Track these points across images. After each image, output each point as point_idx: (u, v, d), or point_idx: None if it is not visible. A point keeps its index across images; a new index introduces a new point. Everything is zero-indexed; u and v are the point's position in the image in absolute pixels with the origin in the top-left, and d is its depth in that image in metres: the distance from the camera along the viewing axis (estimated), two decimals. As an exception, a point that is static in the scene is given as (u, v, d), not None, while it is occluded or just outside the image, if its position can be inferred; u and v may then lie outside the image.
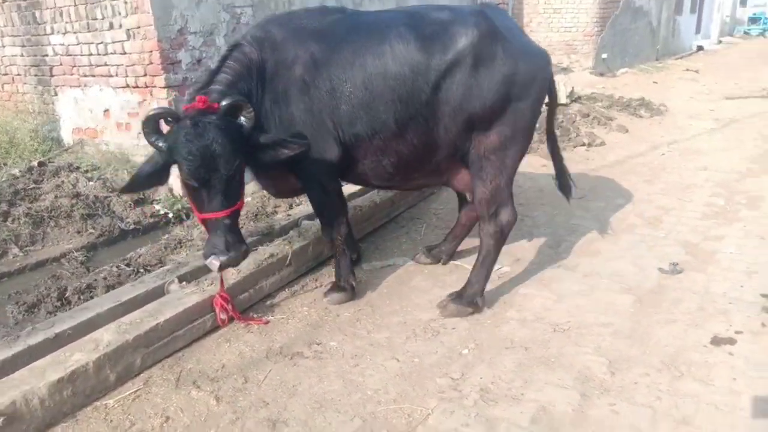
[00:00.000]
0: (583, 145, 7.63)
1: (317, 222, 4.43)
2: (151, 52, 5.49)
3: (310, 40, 3.41)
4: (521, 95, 3.42)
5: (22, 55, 6.92)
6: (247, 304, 3.72)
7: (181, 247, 4.60)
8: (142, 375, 3.08)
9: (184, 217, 5.32)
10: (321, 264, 4.29)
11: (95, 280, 4.04)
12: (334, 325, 3.53)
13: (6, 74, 7.27)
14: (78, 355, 2.90)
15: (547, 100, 3.83)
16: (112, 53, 5.88)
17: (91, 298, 3.85)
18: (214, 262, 3.04)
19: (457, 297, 3.67)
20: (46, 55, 6.60)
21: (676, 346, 3.18)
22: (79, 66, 6.28)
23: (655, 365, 3.00)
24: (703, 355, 3.10)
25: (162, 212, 5.48)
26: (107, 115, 6.24)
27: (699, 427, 2.58)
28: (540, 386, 2.87)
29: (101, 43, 5.92)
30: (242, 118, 3.05)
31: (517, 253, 4.50)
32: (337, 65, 3.34)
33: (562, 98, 9.42)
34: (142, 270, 4.16)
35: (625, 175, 6.51)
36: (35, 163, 5.74)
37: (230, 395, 2.90)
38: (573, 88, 9.64)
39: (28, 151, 6.26)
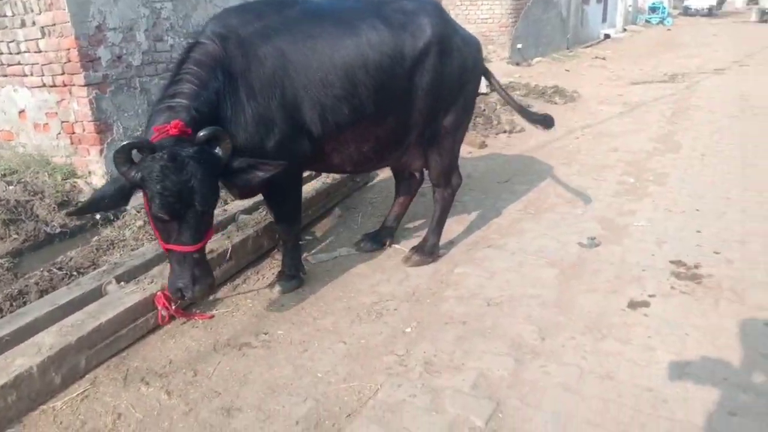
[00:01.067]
0: (505, 132, 8.00)
1: (253, 216, 4.50)
2: (68, 49, 5.31)
3: (277, 33, 3.32)
4: (470, 78, 4.00)
5: None
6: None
7: (113, 248, 4.53)
8: (87, 376, 3.05)
9: (113, 218, 5.20)
10: (261, 257, 4.35)
11: (26, 285, 3.92)
12: (280, 314, 3.61)
13: None
14: (20, 360, 2.85)
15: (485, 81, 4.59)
16: (25, 52, 5.62)
17: (24, 303, 3.75)
18: (181, 296, 3.00)
19: (419, 250, 4.25)
20: (-48, 55, 6.21)
21: (598, 311, 3.49)
22: (-10, 65, 5.96)
23: (580, 329, 3.29)
24: (621, 318, 3.42)
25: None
26: (23, 117, 5.97)
27: (621, 381, 2.87)
28: (478, 355, 3.08)
29: (13, 41, 5.65)
30: (219, 150, 2.91)
31: (451, 236, 4.71)
32: (313, 58, 3.32)
33: (482, 88, 9.78)
34: (75, 273, 4.07)
35: (544, 158, 6.90)
36: (-54, 170, 5.43)
37: (181, 388, 2.93)
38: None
39: (-64, 157, 5.89)
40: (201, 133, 2.84)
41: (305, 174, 5.09)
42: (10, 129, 6.09)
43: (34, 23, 5.42)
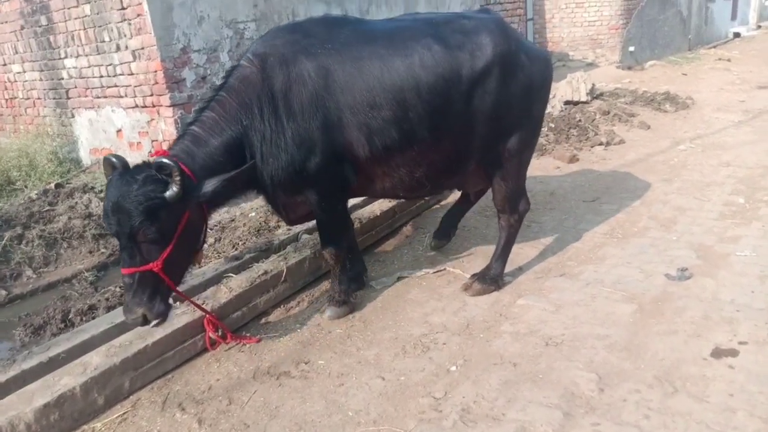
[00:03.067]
0: (601, 144, 7.42)
1: (316, 235, 4.44)
2: (155, 72, 5.61)
3: (323, 52, 3.24)
4: (537, 97, 3.75)
5: (41, 80, 7.16)
6: (241, 323, 3.73)
7: (183, 264, 4.65)
8: (131, 398, 3.12)
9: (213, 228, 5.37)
10: (318, 279, 4.28)
11: (99, 300, 4.13)
12: (325, 342, 3.51)
13: (28, 98, 7.54)
14: (66, 379, 2.96)
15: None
16: (120, 74, 6.02)
17: (93, 318, 3.95)
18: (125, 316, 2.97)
19: (481, 278, 3.97)
20: (62, 79, 6.82)
21: (673, 358, 3.04)
22: (92, 88, 6.47)
23: (648, 380, 2.88)
24: (701, 368, 2.95)
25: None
26: (120, 135, 6.40)
27: (689, 447, 2.46)
28: (523, 405, 2.78)
29: (110, 64, 6.07)
30: (172, 183, 2.80)
31: (520, 262, 4.39)
32: (360, 79, 3.22)
33: (582, 96, 9.22)
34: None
35: (642, 174, 6.30)
36: (52, 186, 5.92)
37: (213, 418, 2.90)
38: (594, 84, 9.40)
39: (47, 173, 6.46)
40: (145, 162, 2.91)
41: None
42: (109, 147, 6.55)
43: (126, 47, 5.78)
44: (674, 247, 4.44)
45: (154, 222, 2.78)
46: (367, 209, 4.94)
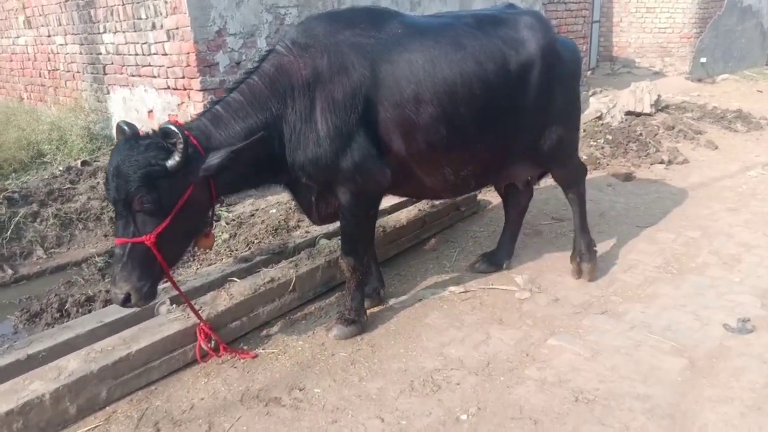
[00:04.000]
0: (662, 162, 6.79)
1: (334, 241, 4.09)
2: (188, 53, 5.36)
3: (368, 44, 3.09)
4: (574, 84, 3.87)
5: (80, 53, 7.05)
6: (239, 333, 3.41)
7: (193, 260, 4.40)
8: (107, 409, 2.85)
9: (224, 224, 5.10)
10: (331, 290, 3.93)
11: (99, 292, 3.90)
12: (326, 366, 3.15)
13: (68, 71, 7.46)
14: (36, 384, 2.70)
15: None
16: (155, 54, 5.81)
17: (89, 311, 3.72)
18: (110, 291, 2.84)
19: (579, 256, 4.07)
20: (100, 54, 6.69)
21: (728, 436, 2.55)
22: (127, 65, 6.30)
23: (695, 463, 2.40)
24: (761, 452, 2.45)
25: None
26: (151, 116, 6.21)
27: None
28: (540, 477, 2.35)
29: (145, 43, 5.87)
30: (175, 152, 2.63)
31: (557, 291, 3.93)
32: (408, 73, 3.09)
33: (646, 107, 8.55)
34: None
35: (706, 200, 5.68)
36: (77, 163, 5.77)
37: (187, 445, 2.60)
38: (659, 96, 8.70)
39: (77, 149, 6.33)
40: (155, 130, 2.78)
41: (399, 200, 4.65)
42: (141, 127, 6.34)
43: (161, 26, 5.55)
44: (736, 290, 3.89)
45: (152, 190, 2.63)
46: (393, 217, 4.55)
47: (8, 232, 4.58)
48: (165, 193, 2.68)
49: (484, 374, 3.06)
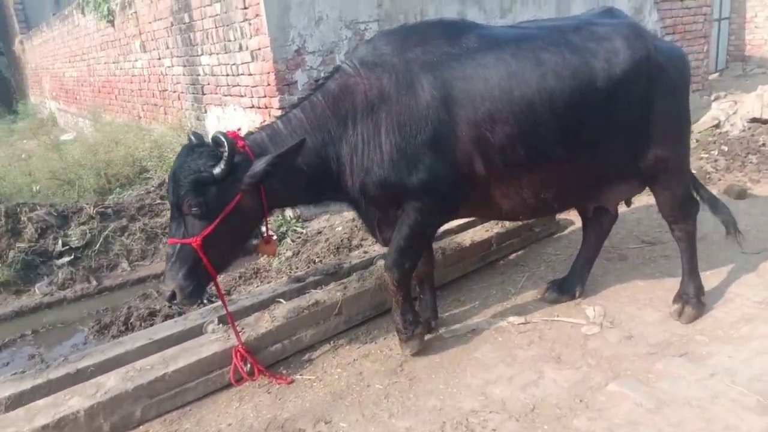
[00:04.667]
0: (788, 176, 5.91)
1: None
2: (268, 73, 5.49)
3: (441, 61, 2.98)
4: (681, 97, 3.43)
5: (183, 74, 7.50)
6: (281, 356, 3.38)
7: (256, 277, 4.46)
8: (140, 428, 2.92)
9: (290, 241, 5.18)
10: (382, 314, 3.78)
11: (161, 307, 4.06)
12: (358, 398, 3.02)
13: (174, 91, 7.98)
14: (75, 400, 2.84)
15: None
16: (242, 74, 6.02)
17: (151, 325, 3.87)
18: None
19: (683, 300, 3.57)
20: (199, 75, 7.06)
21: None
22: (220, 86, 6.59)
23: None
24: None
25: (266, 235, 5.43)
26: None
27: None
28: None
29: (234, 64, 6.11)
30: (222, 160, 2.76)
31: (634, 328, 3.49)
32: (483, 91, 2.94)
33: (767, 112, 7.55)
34: (206, 300, 4.07)
35: (839, 223, 4.84)
36: (170, 179, 6.11)
37: (203, 473, 2.58)
38: (792, 100, 7.63)
39: (174, 165, 6.71)
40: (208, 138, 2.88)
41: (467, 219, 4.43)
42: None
43: (247, 47, 5.74)
44: None
45: (199, 195, 2.75)
46: (458, 238, 4.32)
47: (97, 245, 4.94)
48: (212, 199, 2.78)
49: (527, 421, 2.76)
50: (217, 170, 2.74)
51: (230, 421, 2.92)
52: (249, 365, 3.17)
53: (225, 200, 2.82)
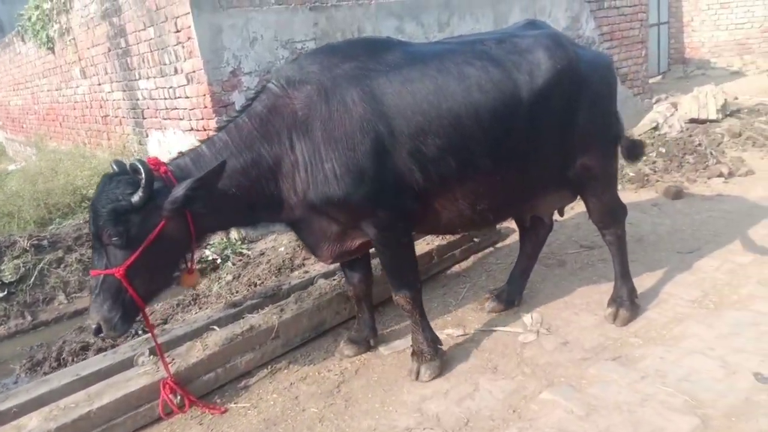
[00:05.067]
0: (721, 175, 6.08)
1: (332, 281, 3.94)
2: (204, 95, 5.42)
3: (369, 77, 2.95)
4: (606, 105, 3.48)
5: (123, 99, 7.37)
6: (215, 386, 3.30)
7: (194, 303, 4.37)
8: (64, 469, 2.80)
9: (231, 264, 5.11)
10: (321, 335, 3.74)
11: (93, 342, 3.93)
12: (292, 423, 2.97)
13: (116, 116, 7.83)
14: (-8, 445, 2.71)
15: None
16: (179, 97, 5.94)
17: (84, 359, 3.74)
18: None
19: (619, 303, 3.65)
20: (138, 99, 6.94)
21: None
22: (159, 109, 6.48)
23: None
24: None
25: (210, 258, 5.35)
26: (179, 157, 6.33)
27: None
28: None
29: (171, 87, 6.02)
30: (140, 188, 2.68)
31: (569, 334, 3.53)
32: (412, 104, 2.93)
33: (711, 113, 7.82)
34: (140, 331, 3.96)
35: (767, 219, 5.00)
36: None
37: None
38: (726, 100, 7.92)
39: (116, 192, 6.57)
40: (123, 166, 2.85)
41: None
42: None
43: (182, 70, 5.66)
44: (784, 329, 3.33)
45: (118, 224, 2.67)
46: (397, 253, 4.29)
47: (32, 279, 4.78)
48: (133, 227, 2.70)
49: (459, 435, 2.75)
50: (135, 198, 2.66)
51: (159, 456, 2.84)
52: (179, 397, 3.09)
53: (147, 228, 2.74)
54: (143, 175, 2.67)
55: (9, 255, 4.89)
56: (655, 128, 7.52)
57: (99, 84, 7.99)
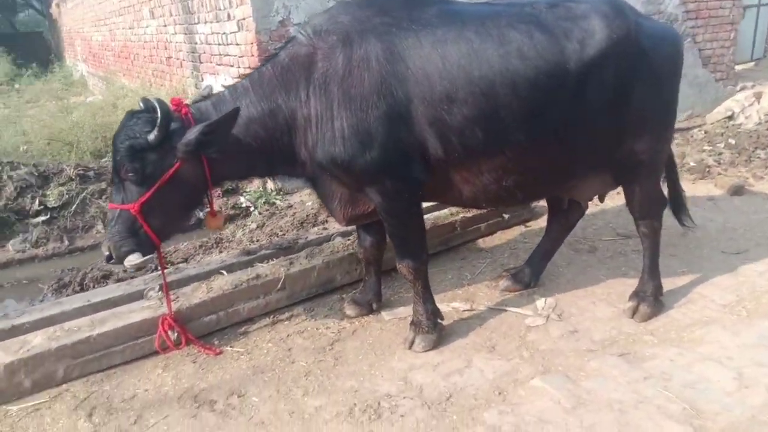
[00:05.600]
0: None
1: (347, 240, 3.91)
2: (252, 44, 5.42)
3: (399, 34, 2.81)
4: (667, 85, 3.21)
5: (184, 42, 7.50)
6: (215, 327, 3.37)
7: (216, 247, 4.46)
8: (62, 386, 2.96)
9: (257, 213, 5.16)
10: (329, 292, 3.74)
11: (117, 271, 4.09)
12: (278, 374, 3.00)
13: (177, 59, 7.99)
14: (-1, 355, 2.88)
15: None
16: (231, 44, 5.98)
17: (104, 287, 3.91)
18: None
19: (640, 298, 3.43)
20: (196, 43, 7.04)
21: None
22: (213, 54, 6.56)
23: None
24: None
25: (244, 205, 5.44)
26: (228, 103, 6.41)
27: None
28: None
29: (224, 33, 6.06)
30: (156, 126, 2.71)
31: (581, 323, 3.36)
32: (440, 67, 2.77)
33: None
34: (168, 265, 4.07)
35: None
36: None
37: (105, 436, 2.60)
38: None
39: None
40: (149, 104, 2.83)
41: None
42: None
43: (234, 17, 5.68)
44: (819, 348, 3.04)
45: (134, 161, 2.73)
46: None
47: (74, 207, 5.00)
48: (149, 165, 2.76)
49: (438, 409, 2.69)
50: (150, 136, 2.71)
51: (148, 386, 2.94)
52: (177, 334, 3.17)
53: (163, 168, 2.78)
54: (158, 116, 2.70)
55: (55, 182, 5.13)
56: (730, 117, 6.96)
57: (165, 26, 8.16)
